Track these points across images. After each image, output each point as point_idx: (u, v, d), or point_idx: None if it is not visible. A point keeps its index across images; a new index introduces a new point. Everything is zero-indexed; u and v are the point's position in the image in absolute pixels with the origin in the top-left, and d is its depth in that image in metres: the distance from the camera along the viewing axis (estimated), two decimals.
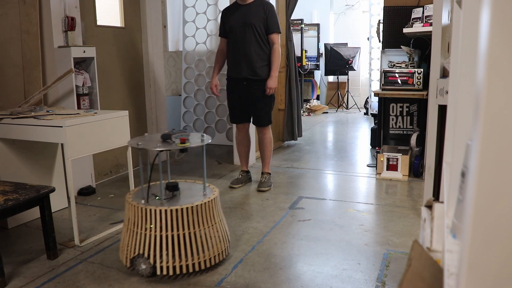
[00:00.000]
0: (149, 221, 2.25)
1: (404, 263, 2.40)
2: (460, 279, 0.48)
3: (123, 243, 2.37)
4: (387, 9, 4.71)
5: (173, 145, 2.40)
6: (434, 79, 2.75)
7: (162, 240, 2.24)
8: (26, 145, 3.11)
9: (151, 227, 2.24)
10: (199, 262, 2.31)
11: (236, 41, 3.68)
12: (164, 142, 2.45)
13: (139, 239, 2.28)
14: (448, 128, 1.13)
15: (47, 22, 3.50)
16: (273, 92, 3.75)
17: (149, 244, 2.26)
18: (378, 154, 4.20)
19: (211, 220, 2.35)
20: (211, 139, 2.58)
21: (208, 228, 2.33)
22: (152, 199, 2.39)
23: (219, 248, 2.40)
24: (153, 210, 2.24)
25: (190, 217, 2.27)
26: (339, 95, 9.19)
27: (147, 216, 2.25)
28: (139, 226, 2.27)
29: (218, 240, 2.39)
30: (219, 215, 2.44)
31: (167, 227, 2.24)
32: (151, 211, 2.24)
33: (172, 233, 2.25)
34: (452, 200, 0.85)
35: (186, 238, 2.27)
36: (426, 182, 2.86)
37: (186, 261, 2.27)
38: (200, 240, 2.30)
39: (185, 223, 2.26)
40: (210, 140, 2.58)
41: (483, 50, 0.45)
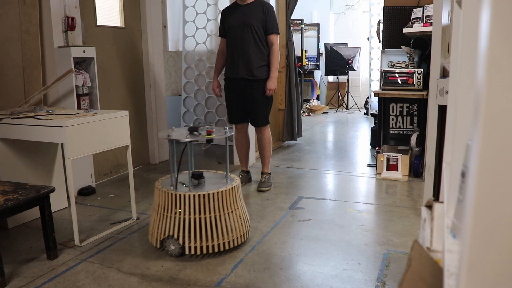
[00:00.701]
0: (179, 206, 2.49)
1: (404, 263, 2.40)
2: (460, 279, 0.48)
3: (152, 226, 2.61)
4: (387, 9, 4.71)
5: (201, 136, 2.68)
6: (434, 79, 2.75)
7: (191, 223, 2.48)
8: (26, 145, 3.11)
9: (179, 211, 2.48)
10: (223, 243, 2.55)
11: (234, 41, 3.68)
12: (191, 134, 2.70)
13: (169, 222, 2.52)
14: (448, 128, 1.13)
15: (47, 22, 3.50)
16: (273, 93, 3.75)
17: (178, 226, 2.50)
18: (378, 154, 4.20)
19: (233, 205, 2.60)
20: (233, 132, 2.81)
21: (231, 212, 2.58)
22: (180, 186, 2.64)
23: (241, 230, 2.64)
24: (183, 195, 2.49)
25: (215, 202, 2.52)
26: (339, 95, 9.19)
27: (176, 201, 2.49)
28: (169, 210, 2.52)
29: (240, 224, 2.63)
30: (240, 201, 2.69)
31: (194, 211, 2.48)
32: (181, 196, 2.49)
33: (200, 216, 2.49)
34: (452, 200, 0.85)
35: (212, 221, 2.51)
36: (426, 182, 2.86)
37: (212, 242, 2.52)
38: (224, 223, 2.55)
39: (211, 208, 2.51)
40: (232, 133, 2.85)
41: (483, 50, 0.45)
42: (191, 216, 2.48)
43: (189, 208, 2.48)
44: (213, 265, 2.47)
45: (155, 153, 4.88)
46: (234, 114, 3.89)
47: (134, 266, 2.48)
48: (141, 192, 3.81)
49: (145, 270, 2.43)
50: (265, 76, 3.68)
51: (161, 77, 4.86)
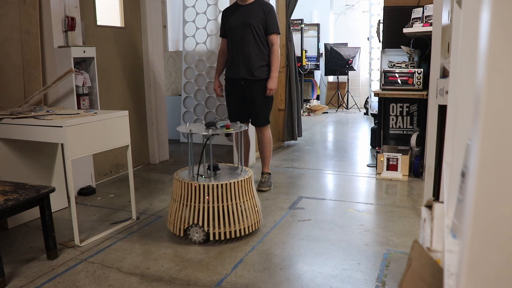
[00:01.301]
0: (201, 196, 2.68)
1: (404, 263, 2.40)
2: (460, 279, 0.48)
3: (174, 216, 2.77)
4: (387, 9, 4.71)
5: (221, 129, 2.88)
6: (434, 79, 2.75)
7: (214, 211, 2.69)
8: (26, 145, 3.11)
9: (207, 199, 2.67)
10: (240, 229, 2.75)
11: (235, 41, 3.69)
12: (209, 128, 2.87)
13: (192, 211, 2.69)
14: (448, 128, 1.13)
15: (47, 22, 3.50)
16: (273, 93, 3.76)
17: (202, 214, 2.68)
18: (378, 154, 4.20)
19: (248, 194, 2.80)
20: (247, 127, 3.14)
21: (246, 201, 2.79)
22: (199, 177, 2.81)
23: (255, 218, 2.85)
24: (206, 185, 2.67)
25: (233, 191, 2.71)
26: (339, 95, 9.19)
27: (198, 191, 2.68)
28: (192, 200, 2.69)
29: (254, 212, 2.84)
30: (253, 191, 2.87)
31: (213, 200, 2.68)
32: (204, 187, 2.67)
33: (219, 204, 2.70)
34: (452, 200, 0.85)
35: (230, 209, 2.71)
36: (426, 182, 2.86)
37: (229, 228, 2.72)
38: (241, 210, 2.76)
39: (229, 196, 2.70)
40: (247, 127, 3.21)
41: (483, 50, 0.45)
42: (214, 205, 2.68)
43: (212, 197, 2.67)
44: (213, 265, 2.48)
45: (155, 153, 4.88)
46: (234, 114, 3.89)
47: (134, 266, 2.48)
48: (141, 192, 3.81)
49: (145, 270, 2.43)
50: (265, 76, 3.69)
51: (161, 77, 4.86)
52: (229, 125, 2.90)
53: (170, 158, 5.08)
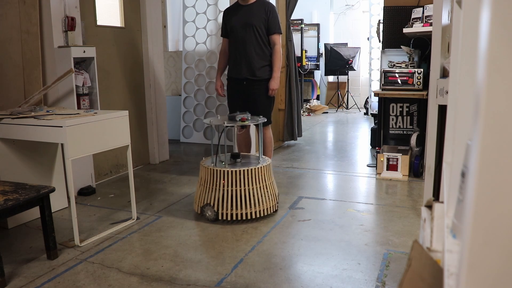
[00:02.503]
0: (218, 180, 3.01)
1: (404, 263, 2.40)
2: (460, 279, 0.48)
3: (196, 196, 3.17)
4: (387, 9, 4.71)
5: (237, 122, 3.14)
6: (434, 79, 2.75)
7: (229, 194, 3.00)
8: (26, 145, 3.11)
9: (223, 182, 3.00)
10: (255, 211, 3.05)
11: (236, 42, 3.69)
12: (230, 120, 3.17)
13: (208, 192, 3.06)
14: (448, 128, 1.13)
15: (47, 22, 3.50)
16: (275, 93, 3.76)
17: (215, 196, 3.03)
18: (378, 154, 4.20)
19: (264, 181, 3.09)
20: (266, 119, 3.36)
21: (261, 187, 3.07)
22: (220, 164, 3.13)
23: (269, 203, 3.12)
24: (222, 171, 3.01)
25: (248, 177, 3.01)
26: (339, 95, 9.19)
27: (216, 175, 3.02)
28: (210, 183, 3.05)
29: (268, 197, 3.12)
30: (270, 178, 3.15)
31: (229, 184, 2.99)
32: (220, 172, 3.01)
33: (234, 188, 3.00)
34: (452, 200, 0.85)
35: (243, 193, 3.01)
36: (426, 182, 2.86)
37: (241, 210, 3.01)
38: (256, 195, 3.05)
39: (244, 182, 3.01)
40: (265, 120, 3.34)
41: (483, 50, 0.45)
42: (228, 188, 3.00)
43: (227, 181, 2.99)
44: (213, 265, 2.48)
45: (155, 153, 4.88)
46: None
47: (134, 266, 2.48)
48: (141, 192, 3.81)
49: (145, 270, 2.43)
50: (267, 76, 3.69)
51: (161, 77, 4.86)
52: (245, 118, 3.16)
53: (170, 158, 5.08)
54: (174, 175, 4.38)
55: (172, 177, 4.31)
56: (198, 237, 2.86)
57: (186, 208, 3.40)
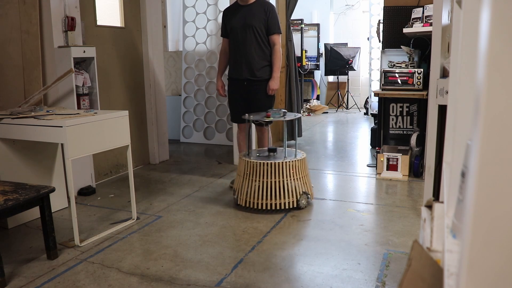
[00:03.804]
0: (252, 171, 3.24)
1: (404, 263, 2.40)
2: (460, 279, 0.48)
3: (236, 185, 3.42)
4: (387, 9, 4.71)
5: (261, 116, 3.33)
6: (434, 79, 2.75)
7: (264, 185, 3.21)
8: (26, 145, 3.11)
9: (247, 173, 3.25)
10: (288, 202, 3.23)
11: (236, 42, 3.69)
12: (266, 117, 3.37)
13: (238, 180, 3.34)
14: (448, 128, 1.13)
15: (47, 22, 3.50)
16: (275, 92, 3.77)
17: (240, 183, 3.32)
18: (378, 154, 4.20)
19: (299, 174, 3.26)
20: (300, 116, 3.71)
21: (296, 179, 3.25)
22: (256, 157, 3.35)
23: (295, 198, 3.25)
24: (258, 163, 3.23)
25: (283, 170, 3.21)
26: (339, 95, 9.19)
27: (253, 168, 3.24)
28: (248, 174, 3.27)
29: (300, 189, 3.27)
30: (304, 171, 3.31)
31: (263, 175, 3.20)
32: (257, 164, 3.23)
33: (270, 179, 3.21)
34: (452, 200, 0.85)
35: (278, 184, 3.20)
36: (426, 182, 2.86)
37: (278, 200, 3.21)
38: (289, 186, 3.22)
39: (280, 174, 3.20)
40: (295, 116, 3.55)
41: (483, 50, 0.45)
42: (265, 180, 3.20)
43: (263, 173, 3.20)
44: (213, 265, 2.48)
45: (155, 153, 4.88)
46: (237, 114, 3.89)
47: (134, 266, 2.48)
48: (141, 192, 3.81)
49: (145, 270, 2.43)
50: (267, 76, 3.70)
51: (161, 77, 4.86)
52: (269, 114, 3.32)
53: (170, 158, 5.08)
54: (174, 175, 4.38)
55: (172, 177, 4.31)
56: (198, 237, 2.86)
57: (186, 208, 3.40)
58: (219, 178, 4.25)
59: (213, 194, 3.74)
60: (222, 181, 4.14)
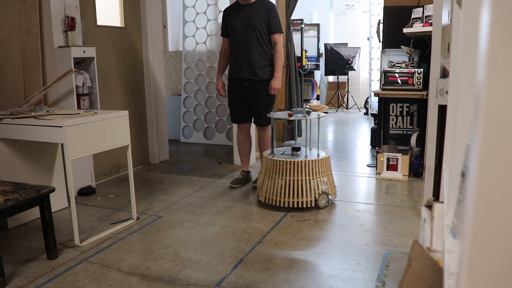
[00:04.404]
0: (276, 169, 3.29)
1: (404, 263, 2.40)
2: (460, 279, 0.48)
3: (259, 182, 3.49)
4: (387, 9, 4.71)
5: (284, 115, 3.45)
6: (434, 79, 2.75)
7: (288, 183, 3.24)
8: (26, 145, 3.11)
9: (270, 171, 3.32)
10: (309, 201, 3.26)
11: (237, 42, 3.68)
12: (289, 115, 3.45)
13: (261, 178, 3.40)
14: (448, 128, 1.13)
15: (47, 22, 3.50)
16: (277, 92, 3.76)
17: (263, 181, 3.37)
18: (378, 154, 4.20)
19: (321, 173, 3.30)
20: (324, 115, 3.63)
21: (318, 178, 3.28)
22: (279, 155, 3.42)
23: (315, 196, 3.27)
24: (283, 161, 3.27)
25: (306, 168, 3.25)
26: (339, 95, 9.19)
27: (277, 165, 3.29)
28: (271, 172, 3.32)
29: (325, 188, 3.31)
30: (326, 171, 3.34)
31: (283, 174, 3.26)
32: (281, 162, 3.28)
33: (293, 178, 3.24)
34: (452, 200, 0.85)
35: (301, 183, 3.23)
36: (426, 182, 2.86)
37: (296, 199, 3.25)
38: (311, 185, 3.25)
39: (302, 172, 3.24)
40: (321, 115, 3.54)
41: (483, 50, 0.45)
42: (287, 178, 3.24)
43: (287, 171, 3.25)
44: (213, 265, 2.48)
45: (155, 153, 4.88)
46: (237, 114, 3.89)
47: (134, 266, 2.48)
48: (141, 192, 3.81)
49: (145, 270, 2.43)
50: (268, 76, 3.69)
51: (161, 77, 4.86)
52: (291, 113, 3.40)
53: (170, 158, 5.08)
54: (174, 175, 4.38)
55: (172, 177, 4.31)
56: (198, 237, 2.86)
57: (186, 208, 3.40)
58: (219, 178, 4.25)
59: (213, 194, 3.74)
60: (222, 181, 4.14)
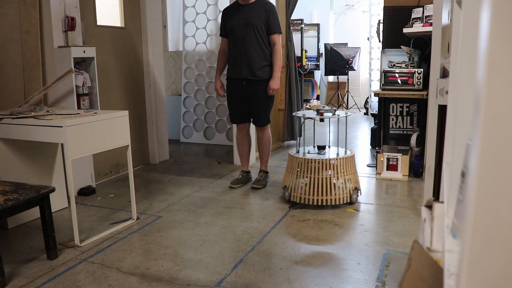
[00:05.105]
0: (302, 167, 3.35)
1: (404, 263, 2.40)
2: (460, 279, 0.48)
3: (283, 178, 3.55)
4: (387, 9, 4.71)
5: (315, 115, 3.51)
6: (434, 79, 2.75)
7: (314, 181, 3.27)
8: (26, 145, 3.11)
9: (297, 170, 3.35)
10: (331, 199, 3.30)
11: (236, 42, 3.68)
12: (317, 114, 3.52)
13: (290, 177, 3.42)
14: (448, 128, 1.13)
15: (47, 22, 3.50)
16: (276, 92, 3.76)
17: (292, 180, 3.38)
18: (378, 154, 4.20)
19: (346, 172, 3.34)
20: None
21: (342, 176, 3.32)
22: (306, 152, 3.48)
23: (347, 193, 3.34)
24: (306, 160, 3.33)
25: (338, 166, 3.30)
26: (339, 95, 9.18)
27: (301, 164, 3.35)
28: (294, 169, 3.40)
29: (346, 187, 3.34)
30: (352, 169, 3.39)
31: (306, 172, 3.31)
32: (304, 160, 3.34)
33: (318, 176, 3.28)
34: (452, 200, 0.85)
35: (326, 181, 3.28)
36: (426, 182, 2.86)
37: (321, 196, 3.28)
38: (345, 181, 3.33)
39: (336, 169, 3.29)
40: (347, 114, 3.55)
41: (483, 50, 0.45)
42: (309, 175, 3.30)
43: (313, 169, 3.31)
44: (213, 265, 2.48)
45: (155, 153, 4.88)
46: (236, 114, 3.89)
47: (134, 266, 2.48)
48: (141, 192, 3.81)
49: (145, 270, 2.43)
50: (267, 76, 3.69)
51: (161, 77, 4.86)
52: (322, 112, 3.49)
53: (170, 158, 5.09)
54: (174, 175, 4.38)
55: (172, 177, 4.31)
56: (198, 237, 2.86)
57: (186, 208, 3.40)
58: (219, 178, 4.25)
59: (213, 194, 3.74)
60: (222, 181, 4.14)
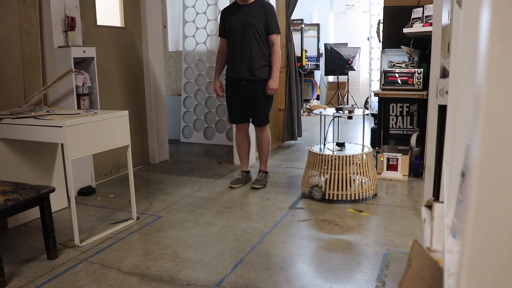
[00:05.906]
0: (324, 164, 3.44)
1: (404, 263, 2.40)
2: (460, 279, 0.48)
3: (304, 178, 3.60)
4: (387, 9, 4.71)
5: (344, 113, 3.59)
6: (434, 79, 2.75)
7: (334, 177, 3.39)
8: (26, 145, 3.11)
9: (324, 168, 3.45)
10: (354, 194, 3.41)
11: (235, 42, 3.68)
12: (337, 111, 3.62)
13: (316, 175, 3.50)
14: (448, 128, 1.13)
15: (47, 22, 3.50)
16: (274, 92, 3.76)
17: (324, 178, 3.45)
18: (378, 154, 4.20)
19: (365, 167, 3.45)
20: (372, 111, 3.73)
21: (362, 172, 3.43)
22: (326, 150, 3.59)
23: (369, 187, 3.47)
24: (327, 156, 3.45)
25: (350, 163, 3.40)
26: (339, 95, 9.18)
27: (323, 160, 3.45)
28: (317, 167, 3.47)
29: (368, 183, 3.46)
30: (371, 165, 3.50)
31: (331, 168, 3.40)
32: (326, 157, 3.45)
33: (338, 172, 3.39)
34: (452, 200, 0.85)
35: (345, 176, 3.38)
36: (426, 182, 2.86)
37: (345, 191, 3.39)
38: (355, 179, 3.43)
39: (347, 166, 3.40)
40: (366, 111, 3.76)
41: (483, 50, 0.45)
42: (334, 172, 3.38)
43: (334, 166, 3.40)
44: (213, 265, 2.48)
45: (155, 153, 4.88)
46: (235, 114, 3.89)
47: (134, 266, 2.48)
48: (141, 192, 3.81)
49: (145, 270, 2.43)
50: (266, 76, 3.69)
51: (161, 77, 4.86)
52: (351, 110, 3.57)
53: (170, 158, 5.09)
54: (174, 175, 4.38)
55: (172, 177, 4.31)
56: (198, 237, 2.86)
57: (186, 208, 3.40)
58: (219, 178, 4.25)
59: (213, 194, 3.74)
60: (222, 181, 4.13)
